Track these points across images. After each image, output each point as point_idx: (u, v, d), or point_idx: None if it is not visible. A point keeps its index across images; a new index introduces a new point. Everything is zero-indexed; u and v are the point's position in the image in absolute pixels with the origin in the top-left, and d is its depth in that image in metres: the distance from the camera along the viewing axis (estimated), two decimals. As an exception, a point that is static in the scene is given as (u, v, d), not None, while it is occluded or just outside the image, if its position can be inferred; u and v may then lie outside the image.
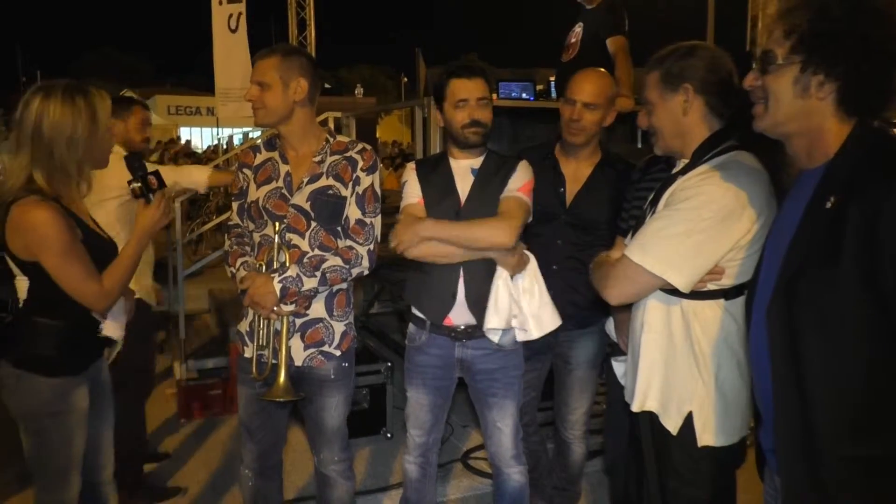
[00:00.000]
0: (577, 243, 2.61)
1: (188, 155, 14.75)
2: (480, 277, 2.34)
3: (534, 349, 2.57)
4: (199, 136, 28.78)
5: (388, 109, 14.39)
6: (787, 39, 1.35)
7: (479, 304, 2.34)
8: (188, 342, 4.74)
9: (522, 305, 2.33)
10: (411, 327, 2.53)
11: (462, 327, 2.39)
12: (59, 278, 1.99)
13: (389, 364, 3.99)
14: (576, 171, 2.66)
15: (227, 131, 21.19)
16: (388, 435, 3.96)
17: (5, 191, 2.00)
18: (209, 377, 4.42)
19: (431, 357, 2.46)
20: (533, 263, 2.37)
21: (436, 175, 2.45)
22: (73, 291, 2.02)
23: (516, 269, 2.32)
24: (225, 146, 19.81)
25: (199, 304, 5.73)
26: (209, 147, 21.95)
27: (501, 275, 2.32)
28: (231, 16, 7.72)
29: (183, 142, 21.75)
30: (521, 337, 2.37)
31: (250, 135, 15.58)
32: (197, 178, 3.55)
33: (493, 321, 2.31)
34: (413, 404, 2.52)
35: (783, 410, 1.36)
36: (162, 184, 2.18)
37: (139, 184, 2.15)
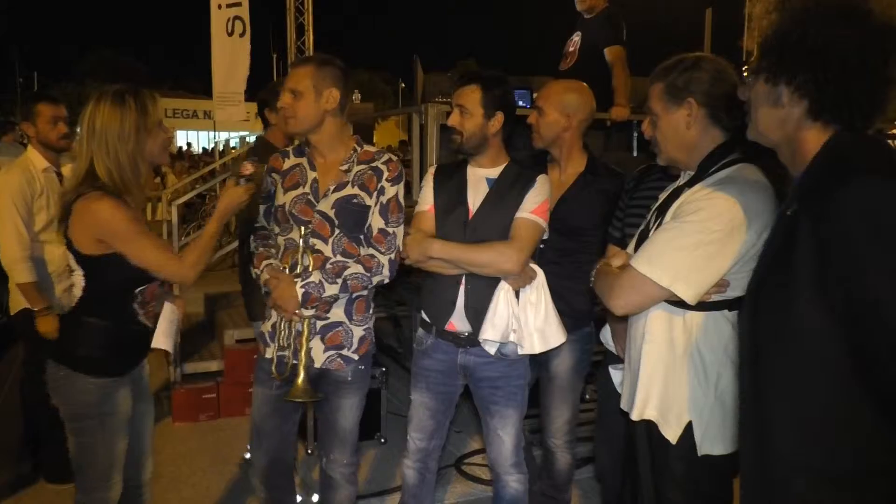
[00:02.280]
0: (560, 249, 2.61)
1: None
2: (482, 287, 2.33)
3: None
4: (195, 140, 28.77)
5: (386, 115, 14.38)
6: (757, 51, 1.37)
7: (477, 314, 2.34)
8: (183, 345, 4.72)
9: (528, 319, 2.31)
10: (420, 331, 2.55)
11: (465, 334, 2.39)
12: (141, 259, 2.08)
13: (384, 369, 3.98)
14: (560, 178, 2.67)
15: (223, 135, 21.20)
16: (382, 440, 3.96)
17: (68, 189, 2.10)
18: (203, 381, 4.42)
19: (436, 362, 2.47)
20: (541, 276, 2.35)
21: (451, 182, 2.46)
22: (157, 269, 2.11)
23: (520, 284, 2.32)
24: (222, 149, 19.80)
25: (194, 307, 5.71)
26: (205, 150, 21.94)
27: (504, 287, 2.31)
28: (229, 20, 7.71)
29: (185, 146, 21.71)
30: (521, 351, 2.34)
31: (248, 139, 15.57)
32: None
33: (489, 333, 2.30)
34: (416, 407, 2.53)
35: (747, 427, 1.33)
36: (249, 178, 2.29)
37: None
